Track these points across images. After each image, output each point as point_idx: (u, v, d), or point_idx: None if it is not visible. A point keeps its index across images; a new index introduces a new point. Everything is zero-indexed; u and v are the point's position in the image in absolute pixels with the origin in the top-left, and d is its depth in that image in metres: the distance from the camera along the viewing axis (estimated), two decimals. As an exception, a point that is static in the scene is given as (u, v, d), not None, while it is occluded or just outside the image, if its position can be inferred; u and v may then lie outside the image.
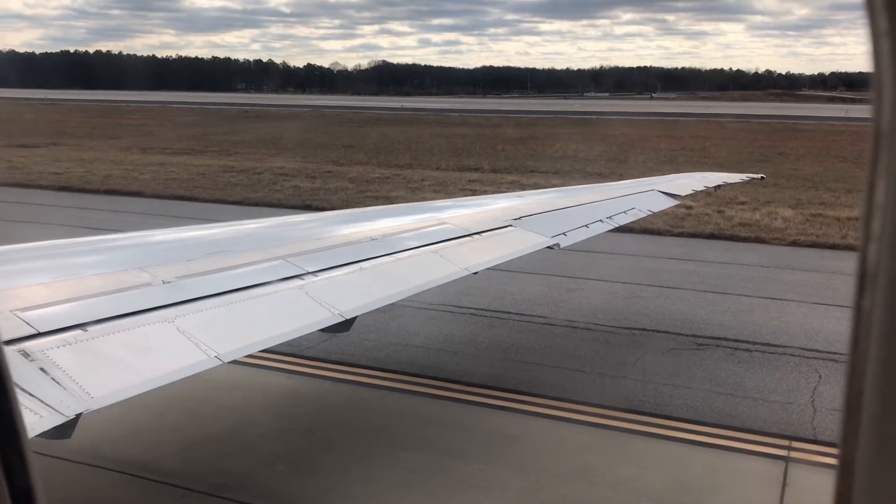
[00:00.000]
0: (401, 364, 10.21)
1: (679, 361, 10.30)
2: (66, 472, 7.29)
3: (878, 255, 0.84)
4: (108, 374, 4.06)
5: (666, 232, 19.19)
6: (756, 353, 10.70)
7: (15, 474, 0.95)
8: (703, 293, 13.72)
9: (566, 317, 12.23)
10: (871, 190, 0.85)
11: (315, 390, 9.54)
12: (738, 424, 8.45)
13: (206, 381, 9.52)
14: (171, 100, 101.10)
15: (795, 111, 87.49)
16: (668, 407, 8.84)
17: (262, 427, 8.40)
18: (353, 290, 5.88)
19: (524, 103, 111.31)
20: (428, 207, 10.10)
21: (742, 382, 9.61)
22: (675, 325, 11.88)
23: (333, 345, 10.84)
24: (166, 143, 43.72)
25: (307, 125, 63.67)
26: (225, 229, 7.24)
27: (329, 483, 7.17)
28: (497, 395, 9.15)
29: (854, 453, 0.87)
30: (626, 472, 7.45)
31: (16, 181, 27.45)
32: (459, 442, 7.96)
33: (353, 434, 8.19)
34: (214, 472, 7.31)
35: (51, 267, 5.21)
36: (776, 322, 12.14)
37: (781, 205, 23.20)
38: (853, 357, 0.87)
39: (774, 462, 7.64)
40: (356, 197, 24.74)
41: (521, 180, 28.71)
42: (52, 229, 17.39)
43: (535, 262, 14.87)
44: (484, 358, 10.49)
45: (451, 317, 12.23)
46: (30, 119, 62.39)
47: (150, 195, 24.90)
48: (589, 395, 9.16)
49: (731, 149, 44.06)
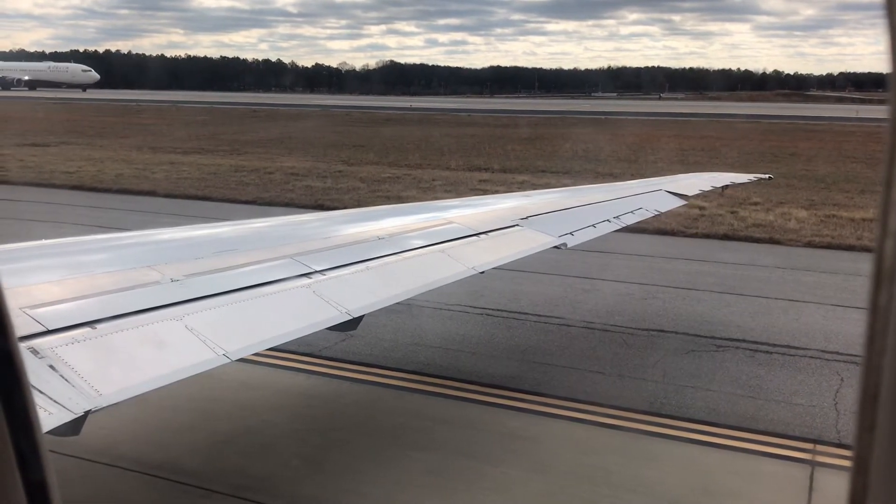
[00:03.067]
0: (418, 364, 10.16)
1: (699, 363, 10.22)
2: (86, 471, 7.27)
3: (894, 251, 0.83)
4: (116, 372, 4.08)
5: (680, 233, 19.08)
6: (776, 356, 10.61)
7: (30, 467, 0.96)
8: (720, 294, 13.62)
9: (583, 318, 12.16)
10: (889, 187, 0.84)
11: (332, 390, 9.50)
12: (761, 427, 8.36)
13: (224, 381, 9.51)
14: (180, 99, 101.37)
15: (805, 111, 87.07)
16: (690, 409, 8.76)
17: (280, 427, 8.36)
18: (361, 288, 5.91)
19: (532, 103, 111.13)
20: (434, 207, 10.09)
21: (763, 385, 9.52)
22: (693, 326, 11.79)
23: (351, 345, 10.81)
24: (177, 143, 43.81)
25: (316, 125, 63.72)
26: (233, 228, 7.27)
27: (348, 484, 7.12)
28: (515, 397, 9.09)
29: (869, 451, 0.86)
30: (647, 475, 7.37)
31: (29, 180, 27.51)
32: (478, 443, 7.90)
33: (370, 435, 8.15)
34: (234, 473, 7.27)
35: (60, 265, 5.23)
36: (795, 324, 12.04)
37: (795, 206, 23.06)
38: (869, 354, 0.86)
39: (800, 466, 7.55)
40: (368, 197, 24.70)
41: (531, 180, 28.62)
42: (67, 229, 17.43)
43: (550, 263, 14.81)
44: (501, 359, 10.43)
45: (467, 317, 12.17)
46: (41, 118, 62.64)
47: (162, 194, 24.92)
48: (608, 396, 9.09)
49: (742, 149, 43.83)
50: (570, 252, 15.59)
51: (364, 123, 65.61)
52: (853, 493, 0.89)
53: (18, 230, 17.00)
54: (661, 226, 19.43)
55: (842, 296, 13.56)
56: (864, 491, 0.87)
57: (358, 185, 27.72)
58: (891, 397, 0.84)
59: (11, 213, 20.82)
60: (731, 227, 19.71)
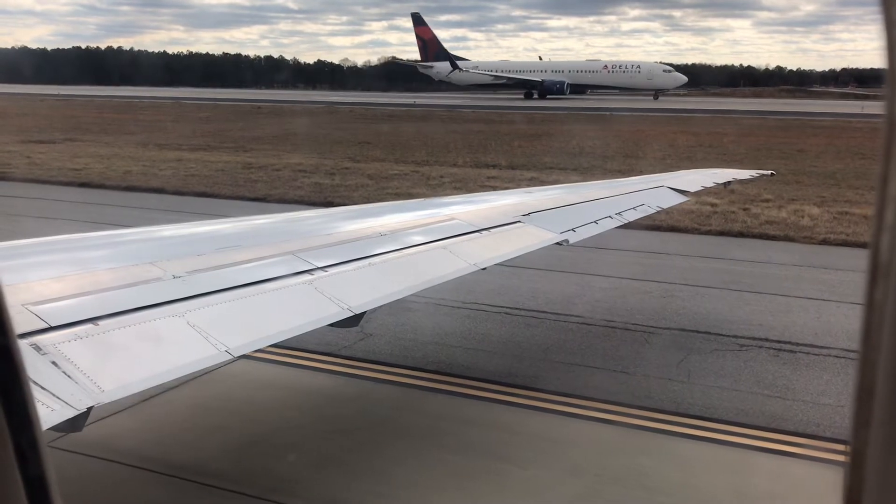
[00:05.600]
0: (440, 364, 10.08)
1: (723, 363, 10.13)
2: (111, 473, 7.20)
3: (891, 246, 0.83)
4: (119, 368, 4.09)
5: (694, 230, 18.99)
6: (800, 355, 10.52)
7: (28, 463, 0.96)
8: (739, 293, 13.53)
9: (603, 316, 12.07)
10: (885, 182, 0.84)
11: (355, 391, 9.42)
12: (792, 428, 8.28)
13: (247, 381, 9.45)
14: (183, 95, 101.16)
15: (809, 107, 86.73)
16: (718, 410, 8.67)
17: (306, 428, 8.28)
18: (362, 285, 5.91)
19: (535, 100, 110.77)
20: (436, 203, 10.08)
21: (790, 385, 9.43)
22: (714, 325, 11.70)
23: (370, 344, 10.74)
24: (182, 139, 43.68)
25: (320, 121, 63.57)
26: (234, 224, 7.28)
27: (379, 487, 7.05)
28: (541, 397, 9.01)
29: (865, 446, 0.86)
30: (680, 477, 7.30)
31: (37, 177, 27.45)
32: (507, 445, 7.83)
33: (397, 436, 8.07)
34: (263, 475, 7.20)
35: (62, 261, 5.24)
36: (816, 323, 11.95)
37: (806, 202, 22.94)
38: (865, 349, 0.87)
39: (832, 468, 7.46)
40: (377, 194, 24.58)
41: (540, 177, 28.50)
42: (78, 226, 17.35)
43: (566, 260, 14.74)
44: (524, 358, 10.35)
45: (485, 315, 12.09)
46: (45, 115, 62.54)
47: (171, 192, 24.83)
48: (635, 397, 9.01)
49: (749, 145, 43.66)
50: (586, 250, 15.59)
51: (368, 120, 65.42)
52: (849, 488, 0.89)
53: (31, 228, 16.91)
54: (675, 223, 19.36)
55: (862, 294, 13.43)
56: (860, 486, 0.88)
57: (366, 182, 27.61)
58: (886, 393, 0.84)
59: (24, 211, 20.75)
60: (745, 224, 19.60)
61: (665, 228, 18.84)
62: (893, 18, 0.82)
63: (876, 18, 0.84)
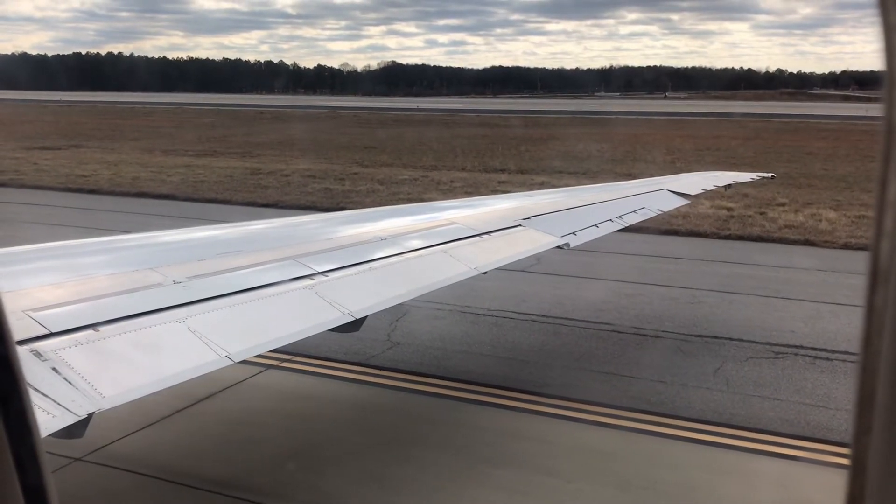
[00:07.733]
0: (471, 374, 9.89)
1: (760, 371, 9.95)
2: (148, 489, 7.01)
3: (890, 251, 0.83)
4: (119, 374, 4.07)
5: (713, 234, 18.82)
6: (836, 363, 10.34)
7: (27, 472, 0.96)
8: (766, 298, 13.35)
9: (632, 324, 11.89)
10: (883, 186, 0.83)
11: (387, 401, 9.23)
12: (838, 439, 8.09)
13: (276, 392, 9.28)
14: (185, 101, 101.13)
15: (812, 110, 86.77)
16: (762, 420, 8.49)
17: (343, 443, 8.08)
18: (363, 289, 5.88)
19: (537, 103, 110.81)
20: (436, 207, 10.07)
21: (831, 394, 9.25)
22: (746, 332, 11.51)
23: (399, 353, 10.56)
24: (187, 145, 43.57)
25: (324, 126, 63.50)
26: (235, 230, 7.26)
27: (421, 501, 6.86)
28: (579, 408, 8.82)
29: (866, 452, 0.86)
30: (731, 490, 7.12)
31: (45, 184, 27.28)
32: (551, 458, 7.63)
33: (436, 449, 7.88)
34: (303, 489, 7.01)
35: (62, 267, 5.24)
36: (849, 329, 11.75)
37: (822, 206, 22.79)
38: (865, 355, 0.87)
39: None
40: (389, 199, 24.42)
41: (551, 181, 28.32)
42: (94, 235, 17.15)
43: (587, 266, 14.58)
44: (556, 367, 10.16)
45: (513, 323, 11.91)
46: (48, 121, 62.43)
47: (182, 198, 24.66)
48: (675, 407, 8.83)
49: (756, 148, 43.59)
50: (607, 255, 15.42)
51: (372, 124, 65.36)
52: (851, 494, 0.88)
53: (44, 235, 16.73)
54: (694, 227, 19.21)
55: (891, 299, 13.27)
56: (862, 492, 0.87)
57: (377, 187, 27.46)
58: (887, 399, 0.84)
59: (34, 218, 20.57)
60: (764, 229, 19.44)
61: (685, 233, 18.70)
62: (891, 22, 0.82)
63: (873, 21, 0.83)
